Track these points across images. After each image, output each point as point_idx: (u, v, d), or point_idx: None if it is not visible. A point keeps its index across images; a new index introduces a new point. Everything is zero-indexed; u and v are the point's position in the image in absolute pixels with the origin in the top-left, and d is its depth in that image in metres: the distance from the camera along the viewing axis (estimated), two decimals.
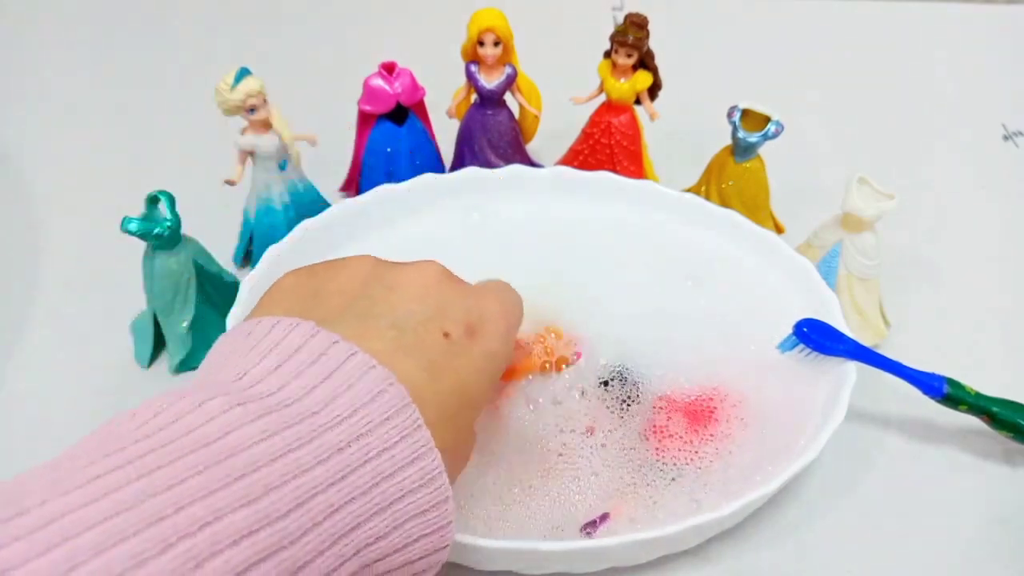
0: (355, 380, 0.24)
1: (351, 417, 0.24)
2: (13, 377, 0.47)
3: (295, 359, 0.25)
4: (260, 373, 0.25)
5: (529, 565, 0.34)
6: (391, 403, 0.24)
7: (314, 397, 0.24)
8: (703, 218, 0.49)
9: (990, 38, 0.82)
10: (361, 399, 0.24)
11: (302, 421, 0.23)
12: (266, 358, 0.25)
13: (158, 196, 0.43)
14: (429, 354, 0.27)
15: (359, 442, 0.24)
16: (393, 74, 0.52)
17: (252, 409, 0.23)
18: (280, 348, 0.25)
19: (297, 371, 0.25)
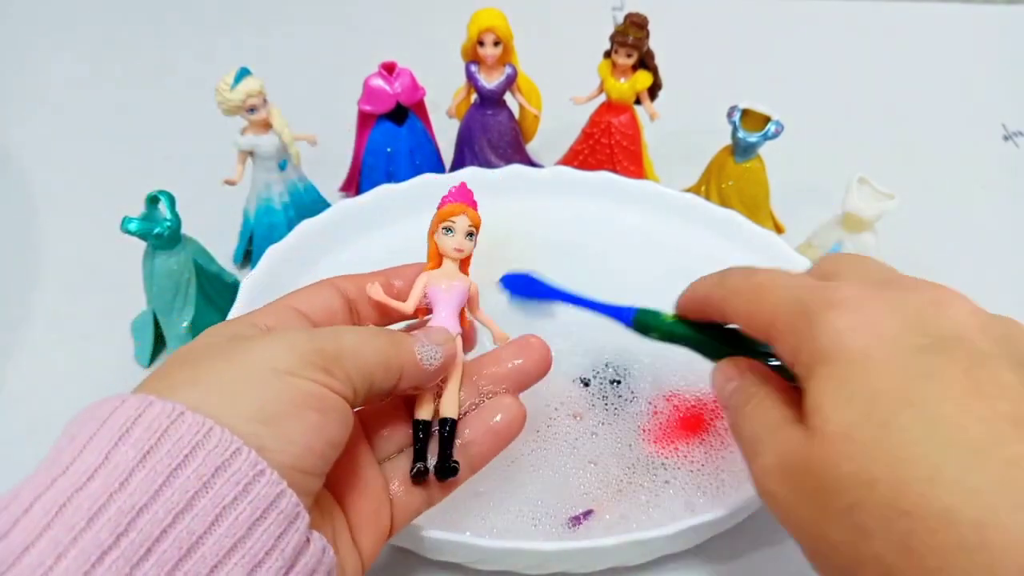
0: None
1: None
2: (13, 377, 0.47)
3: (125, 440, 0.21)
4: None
5: (529, 565, 0.34)
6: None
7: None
8: (703, 218, 0.49)
9: (990, 38, 0.82)
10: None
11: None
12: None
13: (158, 196, 0.43)
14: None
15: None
16: (393, 74, 0.52)
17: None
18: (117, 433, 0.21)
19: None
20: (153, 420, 0.21)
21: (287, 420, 0.23)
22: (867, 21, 0.84)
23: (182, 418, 0.21)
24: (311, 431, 0.23)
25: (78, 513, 0.19)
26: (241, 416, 0.22)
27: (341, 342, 0.25)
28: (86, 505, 0.19)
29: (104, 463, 0.20)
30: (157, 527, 0.20)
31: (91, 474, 0.20)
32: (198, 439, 0.21)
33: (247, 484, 0.21)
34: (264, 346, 0.24)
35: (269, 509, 0.21)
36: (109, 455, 0.20)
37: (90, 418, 0.22)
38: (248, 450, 0.21)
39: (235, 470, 0.21)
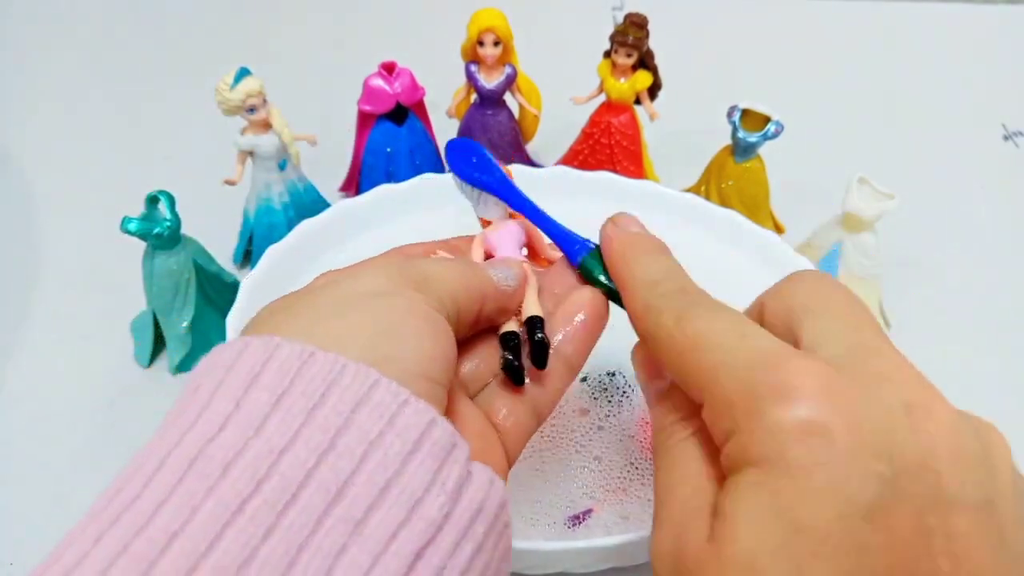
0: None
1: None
2: (13, 377, 0.47)
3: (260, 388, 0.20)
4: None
5: (529, 565, 0.34)
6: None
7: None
8: (703, 218, 0.49)
9: (990, 38, 0.82)
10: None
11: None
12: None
13: (158, 196, 0.43)
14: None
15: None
16: (393, 74, 0.52)
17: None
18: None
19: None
20: (284, 362, 0.19)
21: (402, 329, 0.22)
22: (867, 21, 0.84)
23: (313, 357, 0.19)
24: (428, 338, 0.22)
25: (212, 463, 0.18)
26: (358, 337, 0.21)
27: (425, 269, 0.25)
28: (220, 455, 0.18)
29: (236, 410, 0.19)
30: (300, 470, 0.18)
31: (222, 423, 0.19)
32: (333, 376, 0.19)
33: (392, 416, 0.19)
34: (353, 278, 0.23)
35: (421, 440, 0.19)
36: (240, 402, 0.19)
37: (214, 365, 0.20)
38: (388, 381, 0.20)
39: (377, 402, 0.19)
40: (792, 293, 0.24)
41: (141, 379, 0.47)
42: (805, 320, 0.22)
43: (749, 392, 0.20)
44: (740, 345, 0.21)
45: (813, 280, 0.24)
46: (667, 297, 0.24)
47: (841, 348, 0.21)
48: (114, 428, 0.44)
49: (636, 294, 0.25)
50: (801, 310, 0.23)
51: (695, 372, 0.22)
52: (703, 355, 0.22)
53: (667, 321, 0.23)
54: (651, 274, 0.26)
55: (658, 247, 0.27)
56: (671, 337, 0.23)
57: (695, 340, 0.22)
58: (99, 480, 0.20)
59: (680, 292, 0.24)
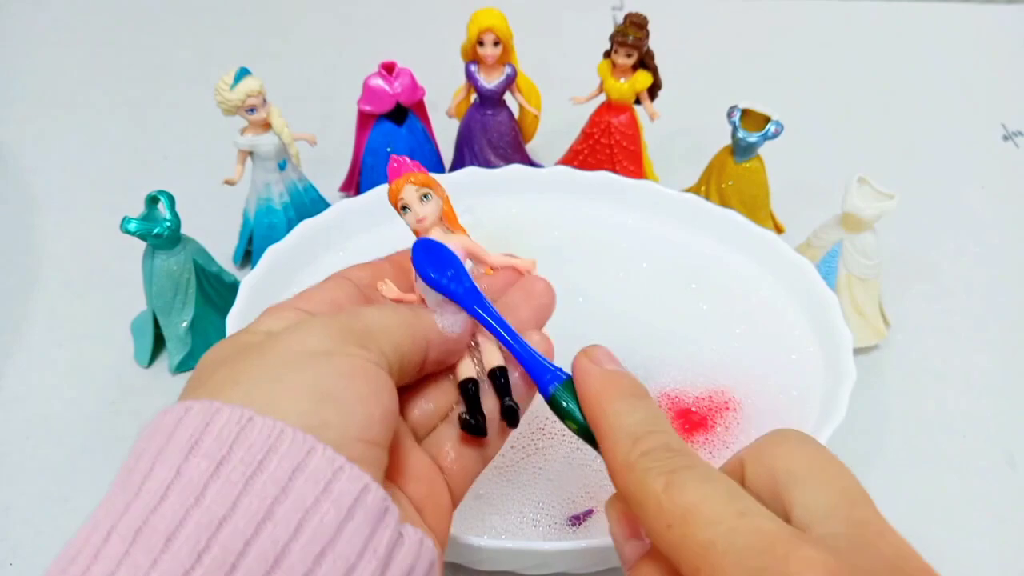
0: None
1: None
2: (13, 377, 0.47)
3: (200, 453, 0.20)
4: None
5: (529, 565, 0.34)
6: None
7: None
8: (703, 218, 0.49)
9: (990, 38, 0.82)
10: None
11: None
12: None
13: (158, 196, 0.43)
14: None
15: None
16: (393, 74, 0.52)
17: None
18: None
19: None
20: (223, 428, 0.20)
21: (342, 393, 0.22)
22: (867, 21, 0.84)
23: (251, 423, 0.20)
24: (368, 399, 0.22)
25: (155, 535, 0.18)
26: (297, 402, 0.21)
27: (367, 319, 0.24)
28: (162, 526, 0.18)
29: (176, 478, 0.19)
30: (240, 540, 0.18)
31: (164, 492, 0.19)
32: (271, 442, 0.20)
33: (328, 483, 0.20)
34: (294, 335, 0.23)
35: (355, 506, 0.20)
36: (181, 469, 0.19)
37: (155, 432, 0.21)
38: (324, 447, 0.20)
39: (313, 469, 0.19)
40: (774, 456, 0.23)
41: (141, 379, 0.47)
42: (793, 489, 0.21)
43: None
44: (738, 525, 0.19)
45: (795, 443, 0.23)
46: (652, 456, 0.22)
47: (839, 526, 0.20)
48: (114, 428, 0.44)
49: (616, 448, 0.23)
50: (786, 476, 0.22)
51: (686, 548, 0.20)
52: (696, 530, 0.20)
53: (654, 486, 0.21)
54: (633, 424, 0.23)
55: (637, 390, 0.25)
56: (659, 504, 0.21)
57: (687, 512, 0.20)
58: (99, 480, 0.20)
59: (666, 450, 0.22)
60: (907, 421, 0.45)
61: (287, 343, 0.23)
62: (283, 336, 0.23)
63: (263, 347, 0.23)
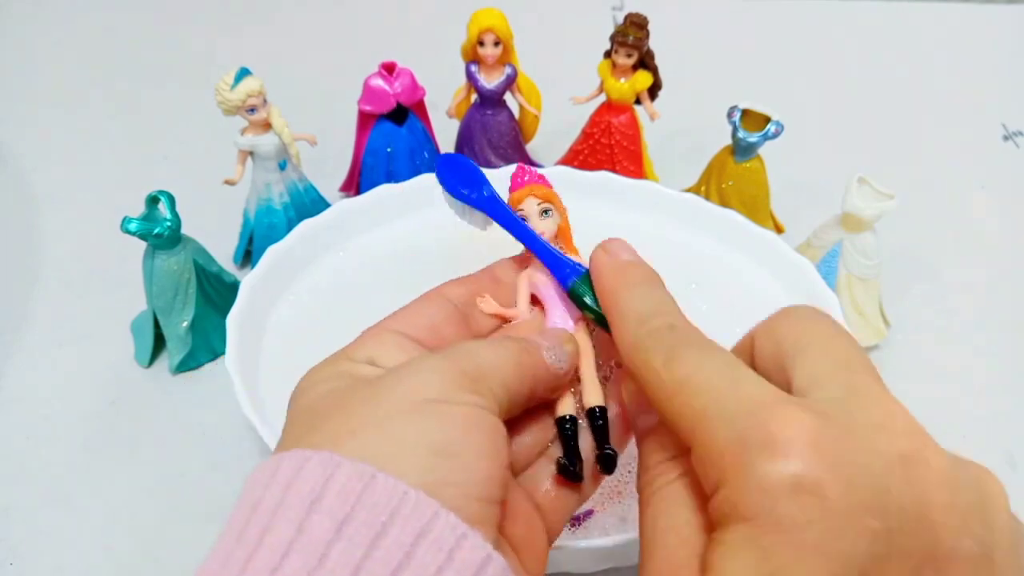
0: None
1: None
2: (13, 377, 0.47)
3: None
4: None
5: None
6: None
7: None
8: (703, 218, 0.49)
9: (990, 38, 0.82)
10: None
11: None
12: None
13: (158, 196, 0.43)
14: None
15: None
16: (393, 74, 0.52)
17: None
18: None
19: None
20: (345, 484, 0.19)
21: (461, 448, 0.21)
22: (867, 21, 0.84)
23: (374, 481, 0.19)
24: (486, 456, 0.21)
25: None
26: (418, 458, 0.20)
27: (479, 359, 0.24)
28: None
29: (298, 536, 0.18)
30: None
31: (285, 551, 0.18)
32: (394, 504, 0.19)
33: (451, 550, 0.19)
34: (409, 379, 0.22)
35: (478, 574, 0.19)
36: (303, 526, 0.18)
37: (272, 481, 0.20)
38: (447, 513, 0.19)
39: (437, 536, 0.19)
40: (783, 330, 0.23)
41: (141, 379, 0.47)
42: (796, 359, 0.22)
43: (739, 443, 0.19)
44: (730, 391, 0.20)
45: (804, 316, 0.23)
46: (656, 334, 0.23)
47: (835, 391, 0.20)
48: (114, 428, 0.44)
49: (625, 329, 0.24)
50: (792, 348, 0.22)
51: (683, 416, 0.21)
52: (692, 398, 0.21)
53: (656, 361, 0.22)
54: (641, 308, 0.24)
55: (649, 277, 0.26)
56: (659, 378, 0.22)
57: (684, 382, 0.21)
58: (99, 480, 0.20)
59: (669, 329, 0.23)
60: None
61: (402, 389, 0.22)
62: (397, 379, 0.22)
63: (376, 390, 0.22)
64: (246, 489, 0.21)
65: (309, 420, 0.22)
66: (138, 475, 0.41)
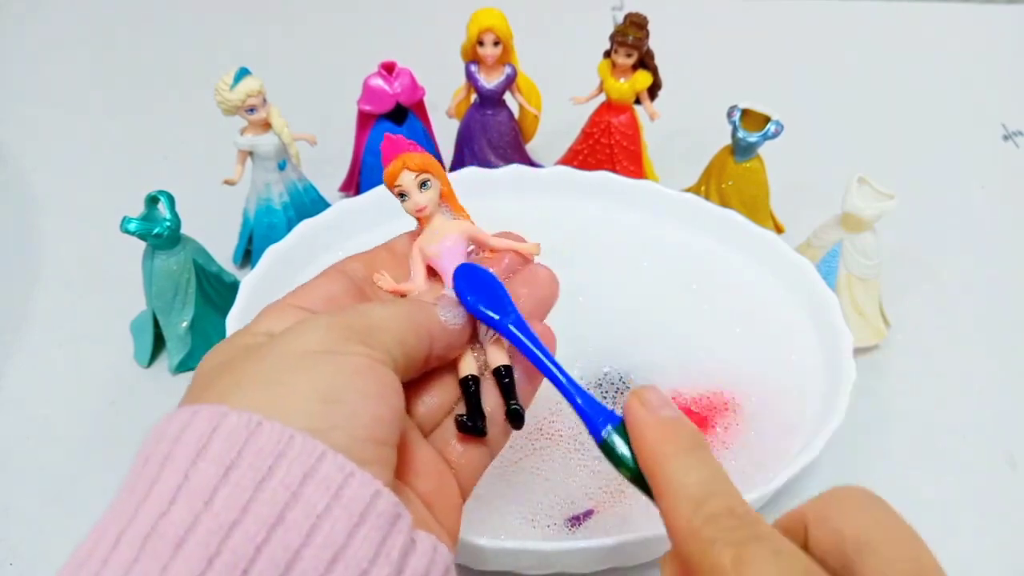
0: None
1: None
2: (13, 377, 0.47)
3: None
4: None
5: (529, 565, 0.34)
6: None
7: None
8: (703, 218, 0.49)
9: (990, 38, 0.82)
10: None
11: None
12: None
13: (158, 196, 0.43)
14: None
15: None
16: (393, 74, 0.52)
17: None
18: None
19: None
20: (231, 433, 0.20)
21: (347, 394, 0.21)
22: (867, 21, 0.84)
23: (260, 427, 0.20)
24: (375, 398, 0.22)
25: (164, 541, 0.18)
26: (303, 404, 0.21)
27: (370, 316, 0.24)
28: (171, 532, 0.18)
29: (185, 483, 0.19)
30: (250, 545, 0.18)
31: (173, 497, 0.19)
32: (280, 448, 0.19)
33: (338, 489, 0.19)
34: (296, 335, 0.23)
35: (367, 512, 0.20)
36: (189, 474, 0.19)
37: (162, 436, 0.20)
38: (334, 453, 0.20)
39: (323, 475, 0.19)
40: (842, 520, 0.21)
41: (141, 379, 0.47)
42: (864, 557, 0.20)
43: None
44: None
45: (864, 505, 0.22)
46: (717, 523, 0.21)
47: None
48: (114, 428, 0.44)
49: (677, 510, 0.22)
50: (856, 544, 0.20)
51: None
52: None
53: (722, 560, 0.20)
54: (694, 484, 0.22)
55: (697, 442, 0.23)
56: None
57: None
58: (99, 480, 0.20)
59: (731, 516, 0.21)
60: (907, 421, 0.45)
61: (289, 344, 0.22)
62: (284, 337, 0.23)
63: (265, 349, 0.23)
64: (140, 449, 0.21)
65: (201, 384, 0.23)
66: None
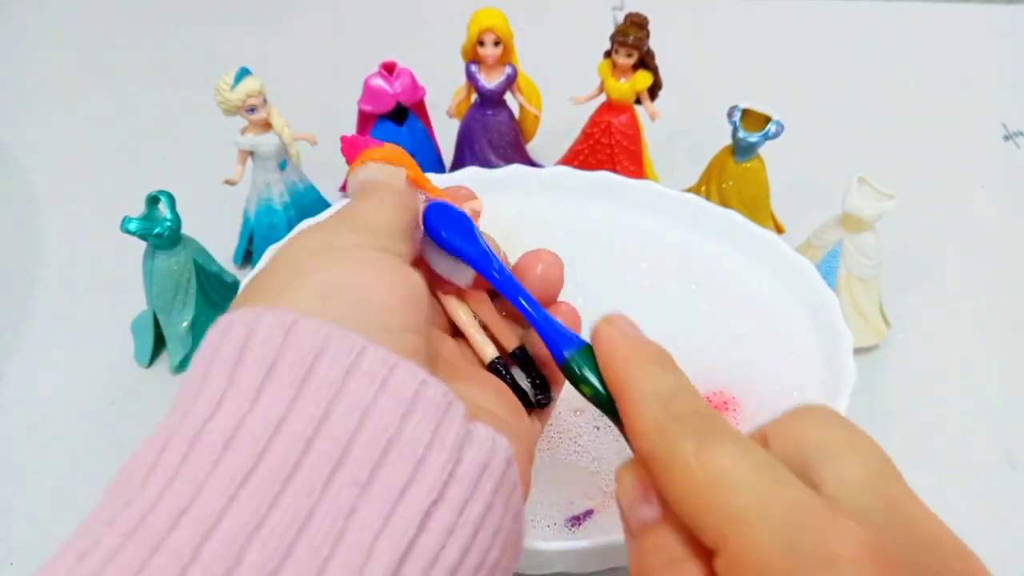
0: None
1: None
2: (13, 377, 0.47)
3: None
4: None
5: (529, 565, 0.34)
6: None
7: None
8: (703, 218, 0.49)
9: (990, 38, 0.82)
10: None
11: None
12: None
13: (158, 196, 0.43)
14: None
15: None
16: (393, 74, 0.52)
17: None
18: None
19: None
20: (268, 334, 0.19)
21: (345, 285, 0.21)
22: (867, 21, 0.84)
23: (296, 326, 0.19)
24: (374, 286, 0.22)
25: (213, 440, 0.18)
26: (306, 301, 0.20)
27: (361, 208, 0.25)
28: (220, 431, 0.18)
29: (229, 386, 0.19)
30: (300, 440, 0.18)
31: (219, 400, 0.19)
32: (319, 345, 0.19)
33: (384, 380, 0.19)
34: (297, 239, 0.24)
35: (415, 400, 0.19)
36: (233, 378, 0.19)
37: (206, 346, 0.21)
38: (375, 346, 0.19)
39: (366, 368, 0.19)
40: (803, 433, 0.22)
41: (141, 379, 0.47)
42: (824, 463, 0.20)
43: (789, 554, 0.17)
44: (773, 493, 0.18)
45: (825, 419, 0.22)
46: (683, 420, 0.21)
47: (875, 501, 0.19)
48: (114, 428, 0.44)
49: (643, 410, 0.22)
50: (816, 450, 0.21)
51: (715, 513, 0.19)
52: (727, 496, 0.19)
53: (684, 449, 0.20)
54: (660, 388, 0.22)
55: (664, 357, 0.24)
56: (687, 468, 0.20)
57: (718, 476, 0.19)
58: (99, 480, 0.20)
59: (696, 416, 0.21)
60: (907, 421, 0.45)
61: (287, 252, 0.23)
62: (288, 243, 0.24)
63: (273, 259, 0.23)
64: (190, 368, 0.21)
65: (239, 297, 0.23)
66: None
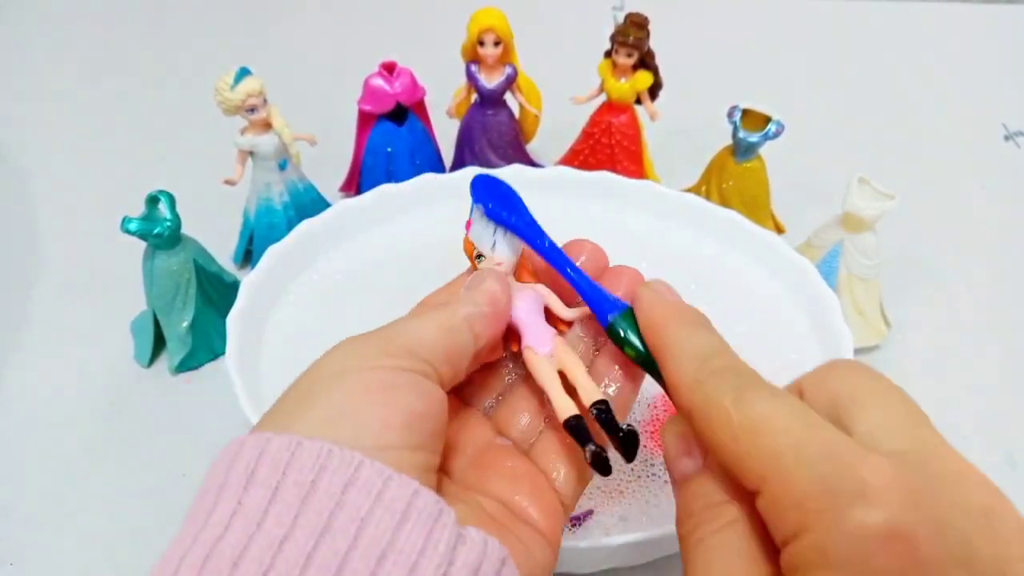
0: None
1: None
2: (13, 377, 0.47)
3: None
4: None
5: None
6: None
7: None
8: (703, 218, 0.49)
9: (990, 38, 0.82)
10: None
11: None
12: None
13: (158, 196, 0.43)
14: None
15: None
16: (393, 74, 0.52)
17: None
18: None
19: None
20: (275, 456, 0.21)
21: (353, 410, 0.22)
22: (867, 21, 0.84)
23: (300, 447, 0.21)
24: (382, 407, 0.22)
25: (222, 561, 0.19)
26: (311, 426, 0.22)
27: (403, 328, 0.25)
28: (228, 552, 0.19)
29: (238, 508, 0.20)
30: (301, 554, 0.19)
31: (228, 523, 0.20)
32: (321, 462, 0.21)
33: (379, 492, 0.20)
34: (328, 357, 0.24)
35: (408, 510, 0.21)
36: (242, 500, 0.20)
37: (218, 468, 0.22)
38: (371, 461, 0.21)
39: (364, 481, 0.20)
40: (837, 382, 0.23)
41: (141, 379, 0.47)
42: (857, 412, 0.21)
43: (824, 488, 0.19)
44: (807, 435, 0.20)
45: (858, 370, 0.23)
46: (720, 374, 0.23)
47: (904, 443, 0.20)
48: (114, 428, 0.44)
49: (684, 367, 0.23)
50: (849, 401, 0.22)
51: (755, 457, 0.20)
52: (766, 439, 0.20)
53: (723, 399, 0.22)
54: (699, 348, 0.24)
55: (702, 319, 0.26)
56: (727, 416, 0.21)
57: (757, 423, 0.21)
58: (99, 480, 0.20)
59: (733, 371, 0.23)
60: None
61: (320, 367, 0.24)
62: (320, 360, 0.24)
63: (304, 374, 0.24)
64: (201, 485, 0.22)
65: (257, 424, 0.24)
66: (138, 475, 0.41)
